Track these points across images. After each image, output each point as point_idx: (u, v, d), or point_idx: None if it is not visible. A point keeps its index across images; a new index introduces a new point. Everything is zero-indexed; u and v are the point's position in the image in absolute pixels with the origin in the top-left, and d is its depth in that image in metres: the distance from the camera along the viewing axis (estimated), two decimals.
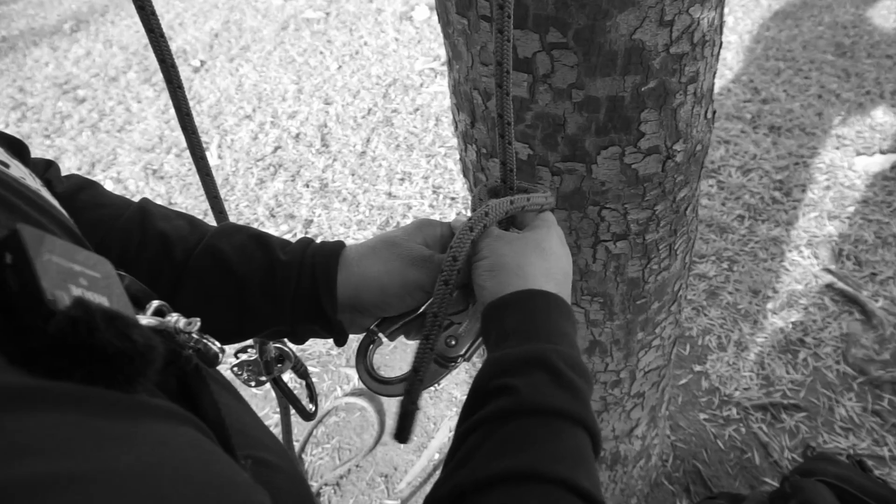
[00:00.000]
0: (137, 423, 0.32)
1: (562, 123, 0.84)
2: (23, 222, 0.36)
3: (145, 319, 0.47)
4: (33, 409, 0.27)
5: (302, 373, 0.97)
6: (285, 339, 0.96)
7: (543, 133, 0.86)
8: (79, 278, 0.35)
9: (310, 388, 1.00)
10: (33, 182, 0.50)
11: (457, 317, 0.68)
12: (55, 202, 0.52)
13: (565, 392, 0.51)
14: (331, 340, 2.40)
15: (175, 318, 0.50)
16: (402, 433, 0.64)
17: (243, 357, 0.90)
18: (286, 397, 0.95)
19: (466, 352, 0.67)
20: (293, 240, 0.68)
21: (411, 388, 0.62)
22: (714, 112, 0.93)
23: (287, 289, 0.63)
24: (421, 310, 0.68)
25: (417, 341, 0.65)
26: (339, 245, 0.66)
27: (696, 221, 1.09)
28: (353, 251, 0.66)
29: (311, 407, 0.98)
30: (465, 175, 1.06)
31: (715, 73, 0.88)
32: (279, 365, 0.92)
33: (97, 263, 0.38)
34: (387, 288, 0.64)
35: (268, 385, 0.98)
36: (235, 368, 0.91)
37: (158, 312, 0.50)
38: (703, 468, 1.76)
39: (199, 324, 0.52)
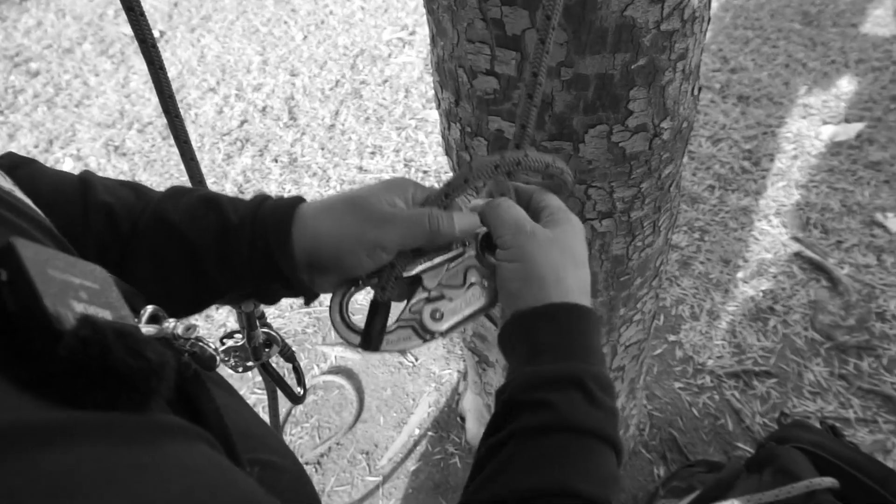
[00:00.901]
0: (159, 448, 0.31)
1: (549, 102, 0.82)
2: (12, 233, 0.33)
3: (144, 328, 0.46)
4: (66, 445, 0.26)
5: (289, 356, 0.95)
6: (263, 311, 0.94)
7: None
8: (79, 292, 0.33)
9: (297, 371, 0.99)
10: (5, 181, 0.47)
11: (451, 291, 0.65)
12: (30, 202, 0.49)
13: (598, 411, 0.52)
14: (306, 319, 2.35)
15: (172, 325, 0.48)
16: (367, 339, 0.62)
17: (230, 343, 0.88)
18: (275, 382, 0.94)
19: (448, 330, 0.64)
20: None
21: (384, 281, 0.60)
22: (700, 89, 0.92)
23: (241, 252, 0.59)
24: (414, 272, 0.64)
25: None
26: (297, 201, 0.61)
27: (679, 198, 1.09)
28: (310, 208, 0.61)
29: (299, 390, 0.97)
30: (448, 154, 1.04)
31: (702, 49, 0.87)
32: (267, 350, 0.90)
33: (93, 272, 0.36)
34: (341, 246, 0.59)
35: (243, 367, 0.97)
36: (222, 354, 0.89)
37: (153, 318, 0.48)
38: (678, 436, 1.80)
39: (197, 329, 0.50)
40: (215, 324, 2.31)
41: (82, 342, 0.29)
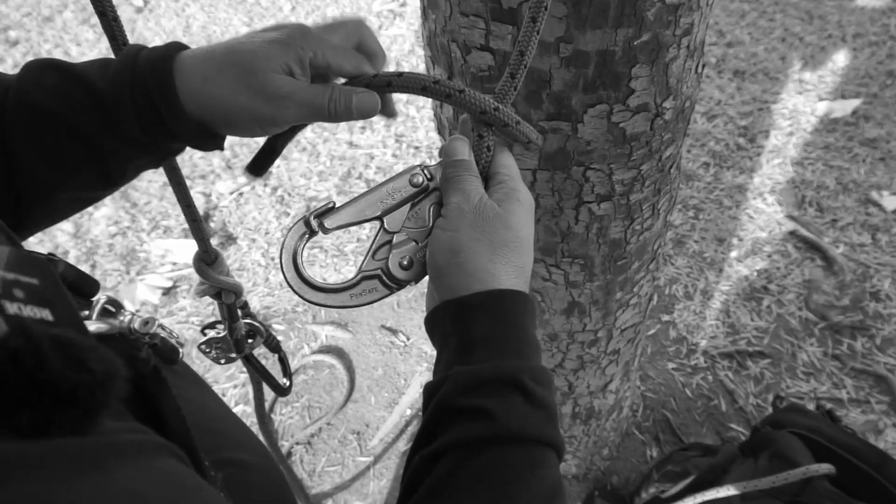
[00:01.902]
0: (109, 474, 0.27)
1: (547, 80, 0.78)
2: None
3: (94, 325, 0.42)
4: None
5: (274, 346, 0.92)
6: (246, 302, 0.90)
7: (527, 90, 0.80)
8: (13, 289, 0.29)
9: (283, 361, 0.96)
10: None
11: (418, 233, 0.59)
12: None
13: (539, 413, 0.48)
14: (296, 297, 2.33)
15: (128, 318, 0.45)
16: (256, 166, 0.58)
17: (211, 334, 0.85)
18: (259, 375, 0.91)
19: (419, 278, 0.59)
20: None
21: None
22: (704, 65, 0.88)
23: (126, 121, 0.53)
24: (376, 215, 0.58)
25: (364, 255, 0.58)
26: (172, 52, 0.53)
27: (679, 179, 1.05)
28: (193, 67, 0.53)
29: (284, 381, 0.94)
30: (440, 132, 1.00)
31: (708, 24, 0.83)
32: (250, 341, 0.87)
33: (31, 264, 0.32)
34: (232, 118, 0.54)
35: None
36: (203, 346, 0.86)
37: (107, 311, 0.45)
38: (671, 417, 1.79)
39: (156, 323, 0.46)
40: (204, 302, 2.27)
41: (12, 354, 0.25)
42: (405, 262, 0.58)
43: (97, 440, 0.28)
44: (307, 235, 0.57)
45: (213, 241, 2.08)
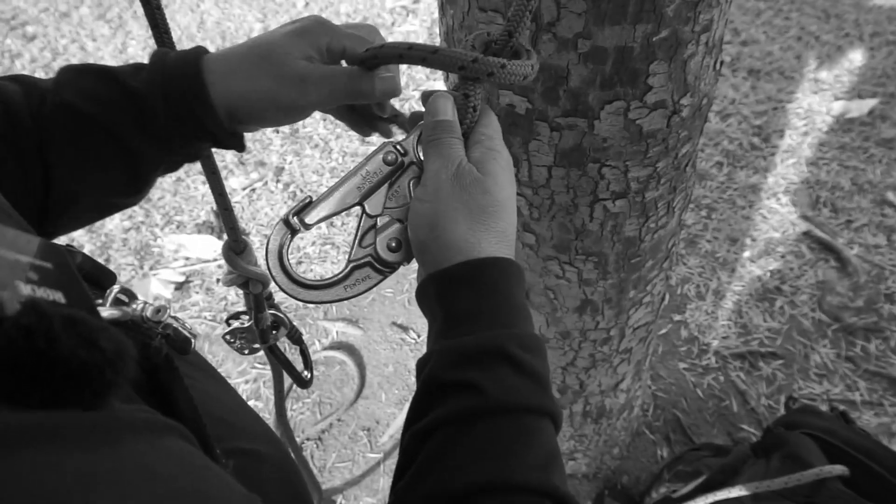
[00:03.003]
0: (119, 447, 0.27)
1: (565, 76, 0.78)
2: None
3: (106, 311, 0.42)
4: (7, 451, 0.23)
5: (297, 338, 0.93)
6: (271, 292, 0.91)
7: (544, 86, 0.80)
8: (27, 272, 0.29)
9: (304, 354, 0.96)
10: None
11: (401, 212, 0.57)
12: None
13: (529, 381, 0.47)
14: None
15: (141, 306, 0.45)
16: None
17: (235, 324, 0.85)
18: (282, 366, 0.91)
19: (410, 258, 0.58)
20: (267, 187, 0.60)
21: None
22: (722, 63, 0.88)
23: (157, 120, 0.55)
24: (355, 202, 0.57)
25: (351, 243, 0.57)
26: (199, 54, 0.56)
27: (694, 177, 1.05)
28: (218, 64, 0.56)
29: (306, 374, 0.95)
30: None
31: (727, 21, 0.83)
32: (274, 332, 0.88)
33: (47, 250, 0.32)
34: (255, 108, 0.56)
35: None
36: (228, 336, 0.86)
37: (119, 300, 0.45)
38: (682, 417, 1.78)
39: (168, 312, 0.47)
40: (216, 297, 2.28)
41: (25, 331, 0.25)
42: (393, 245, 0.57)
43: (109, 414, 0.28)
44: (289, 235, 0.57)
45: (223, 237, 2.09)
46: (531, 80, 0.58)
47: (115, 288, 0.47)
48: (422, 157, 0.57)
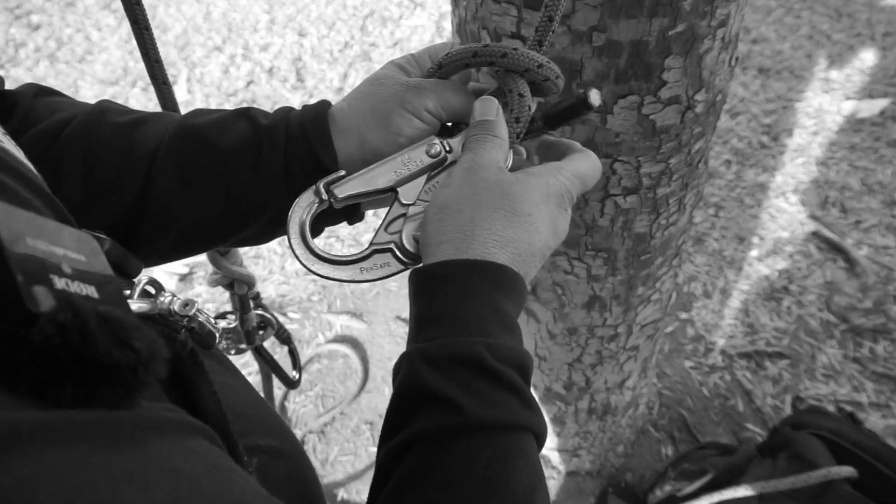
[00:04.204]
0: (146, 448, 0.27)
1: (578, 70, 0.77)
2: None
3: (136, 304, 0.42)
4: (29, 450, 0.22)
5: (284, 339, 0.92)
6: (258, 293, 0.90)
7: None
8: (62, 265, 0.29)
9: (293, 354, 0.96)
10: None
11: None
12: (21, 155, 0.44)
13: (507, 394, 0.44)
14: (311, 286, 2.31)
15: (168, 299, 0.44)
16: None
17: (222, 324, 0.85)
18: (269, 366, 0.91)
19: None
20: None
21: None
22: (737, 59, 0.87)
23: (276, 153, 0.55)
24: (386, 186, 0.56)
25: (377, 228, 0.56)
26: (325, 103, 0.59)
27: (706, 174, 1.04)
28: (340, 104, 0.59)
29: (294, 374, 0.94)
30: None
31: (743, 15, 0.81)
32: (261, 332, 0.87)
33: (81, 241, 0.32)
34: (386, 117, 0.56)
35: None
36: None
37: (147, 292, 0.45)
38: (687, 415, 1.78)
39: (196, 306, 0.46)
40: (219, 288, 2.28)
41: (60, 328, 0.25)
42: (419, 236, 0.54)
43: (137, 414, 0.28)
44: (316, 205, 0.55)
45: None
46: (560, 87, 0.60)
47: (143, 279, 0.46)
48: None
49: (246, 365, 2.03)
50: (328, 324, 2.14)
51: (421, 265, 0.50)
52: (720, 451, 1.45)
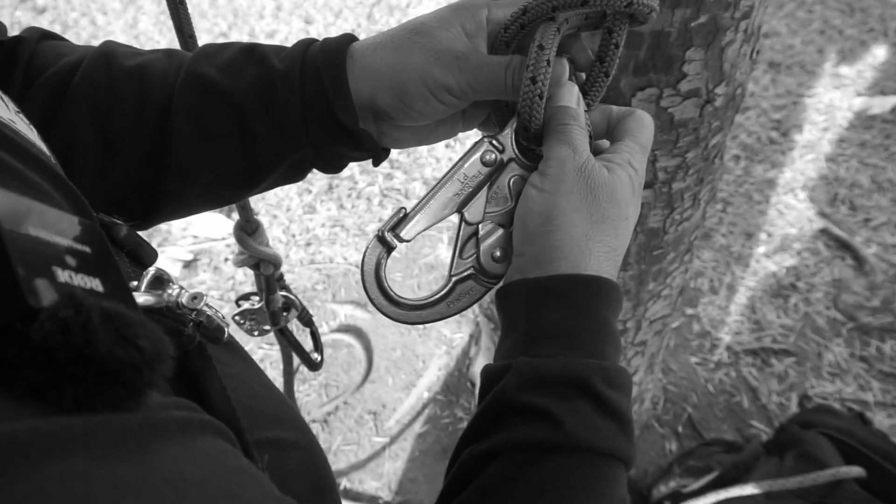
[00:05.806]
0: (150, 454, 0.25)
1: None
2: None
3: (142, 297, 0.40)
4: (33, 463, 0.21)
5: (307, 321, 0.91)
6: (282, 274, 0.89)
7: None
8: (65, 257, 0.27)
9: (315, 336, 0.95)
10: (6, 111, 0.41)
11: (503, 217, 0.52)
12: (34, 135, 0.43)
13: (610, 422, 0.43)
14: (316, 275, 2.30)
15: (176, 292, 0.43)
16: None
17: (246, 305, 0.84)
18: (293, 348, 0.90)
19: None
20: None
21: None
22: (758, 52, 0.85)
23: (292, 103, 0.51)
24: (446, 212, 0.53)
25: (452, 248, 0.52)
26: (347, 38, 0.52)
27: (722, 169, 1.02)
28: (365, 44, 0.52)
29: (316, 356, 0.94)
30: None
31: (767, 6, 0.80)
32: (285, 314, 0.86)
33: (86, 230, 0.30)
34: (403, 86, 0.50)
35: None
36: (237, 317, 0.85)
37: (154, 283, 0.43)
38: (692, 411, 1.77)
39: (205, 299, 0.45)
40: (223, 276, 2.27)
41: (61, 325, 0.23)
42: (498, 254, 0.52)
43: (142, 416, 0.27)
44: (385, 253, 0.53)
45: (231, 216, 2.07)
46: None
47: (151, 270, 0.45)
48: (519, 154, 0.53)
49: (251, 352, 2.03)
50: (332, 313, 2.13)
51: (533, 277, 0.48)
52: (726, 447, 1.44)
